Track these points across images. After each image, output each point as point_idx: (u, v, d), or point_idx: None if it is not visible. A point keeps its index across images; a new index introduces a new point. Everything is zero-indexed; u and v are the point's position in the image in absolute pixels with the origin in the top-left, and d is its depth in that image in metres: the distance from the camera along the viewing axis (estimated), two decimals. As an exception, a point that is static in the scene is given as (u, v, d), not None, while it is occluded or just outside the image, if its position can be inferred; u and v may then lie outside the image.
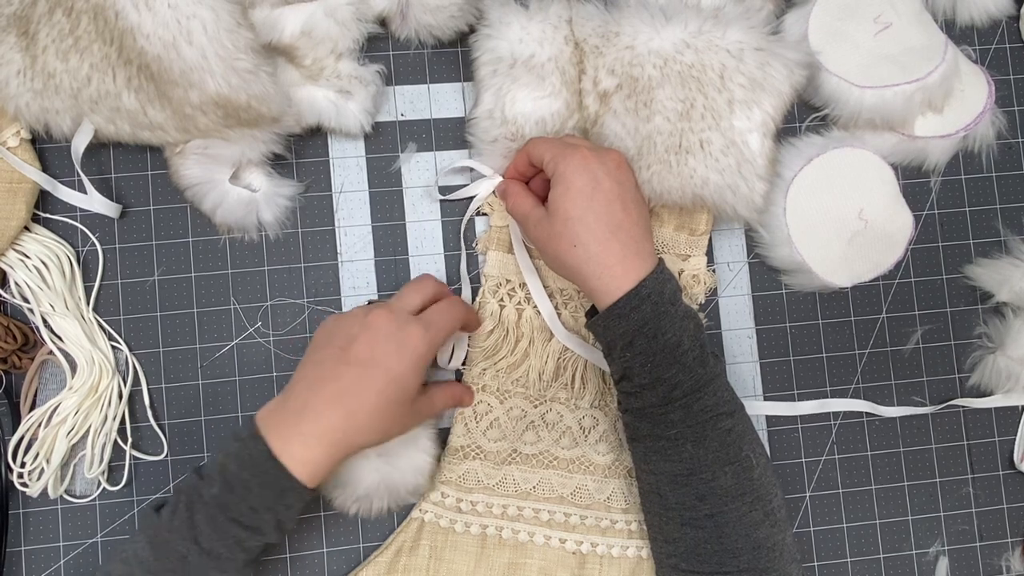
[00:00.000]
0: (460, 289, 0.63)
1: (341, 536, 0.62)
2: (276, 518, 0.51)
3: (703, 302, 0.64)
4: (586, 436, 0.63)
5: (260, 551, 0.52)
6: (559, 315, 0.62)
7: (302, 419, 0.50)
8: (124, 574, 0.50)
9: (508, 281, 0.63)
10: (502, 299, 0.62)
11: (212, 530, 0.49)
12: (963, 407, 0.67)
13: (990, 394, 0.67)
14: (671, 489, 0.55)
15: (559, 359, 0.63)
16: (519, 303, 0.63)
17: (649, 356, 0.53)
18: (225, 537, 0.50)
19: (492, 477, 0.62)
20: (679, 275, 0.63)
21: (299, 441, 0.50)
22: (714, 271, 0.65)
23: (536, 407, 0.62)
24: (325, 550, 0.62)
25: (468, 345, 0.63)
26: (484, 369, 0.62)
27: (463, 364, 0.63)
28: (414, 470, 0.57)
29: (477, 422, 0.62)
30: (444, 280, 0.64)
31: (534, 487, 0.62)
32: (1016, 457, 0.67)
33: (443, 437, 0.62)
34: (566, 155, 0.54)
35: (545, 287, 0.63)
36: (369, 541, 0.62)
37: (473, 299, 0.63)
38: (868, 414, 0.66)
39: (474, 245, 0.64)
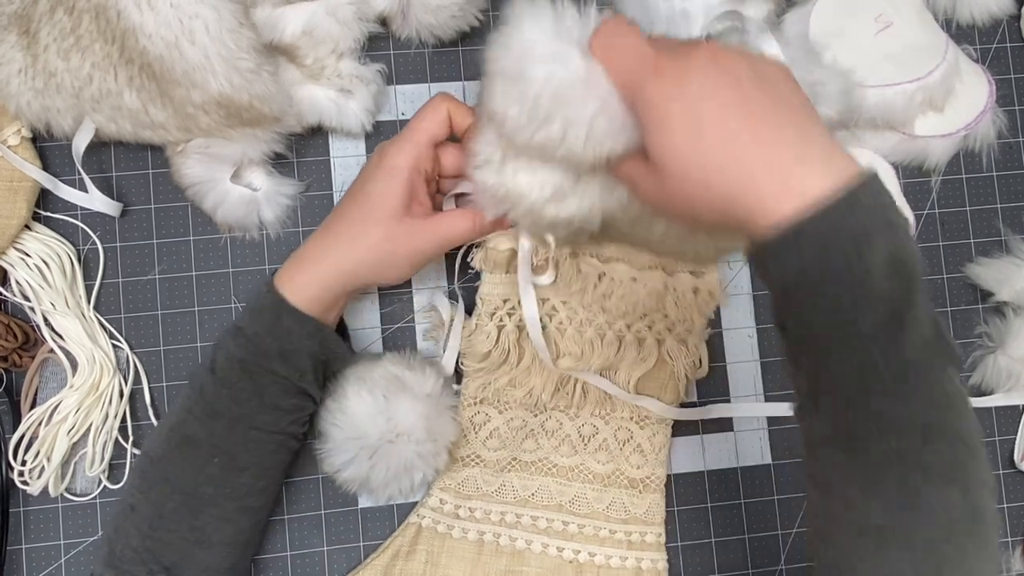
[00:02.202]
0: (457, 307, 0.62)
1: (342, 535, 0.62)
2: (279, 345, 0.52)
3: (713, 318, 0.63)
4: (585, 444, 0.62)
5: (280, 396, 0.53)
6: (564, 332, 0.60)
7: (297, 250, 0.55)
8: (169, 415, 0.55)
9: (506, 301, 0.60)
10: (501, 319, 0.60)
11: (225, 359, 0.53)
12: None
13: (990, 393, 0.67)
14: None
15: (561, 374, 0.61)
16: (520, 321, 0.60)
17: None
18: (232, 363, 0.53)
19: (491, 484, 0.61)
20: (694, 292, 0.61)
21: (288, 269, 0.54)
22: (724, 287, 0.64)
23: (536, 416, 0.62)
24: (325, 549, 0.62)
25: (461, 356, 0.61)
26: (483, 385, 0.61)
27: (460, 364, 0.62)
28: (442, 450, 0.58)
29: (476, 432, 0.61)
30: (444, 281, 0.64)
31: (532, 494, 0.62)
32: (1016, 456, 0.67)
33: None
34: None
35: (545, 300, 0.60)
36: (369, 540, 0.62)
37: (469, 314, 0.62)
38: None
39: (470, 260, 0.61)
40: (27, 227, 0.59)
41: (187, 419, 0.53)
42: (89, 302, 0.60)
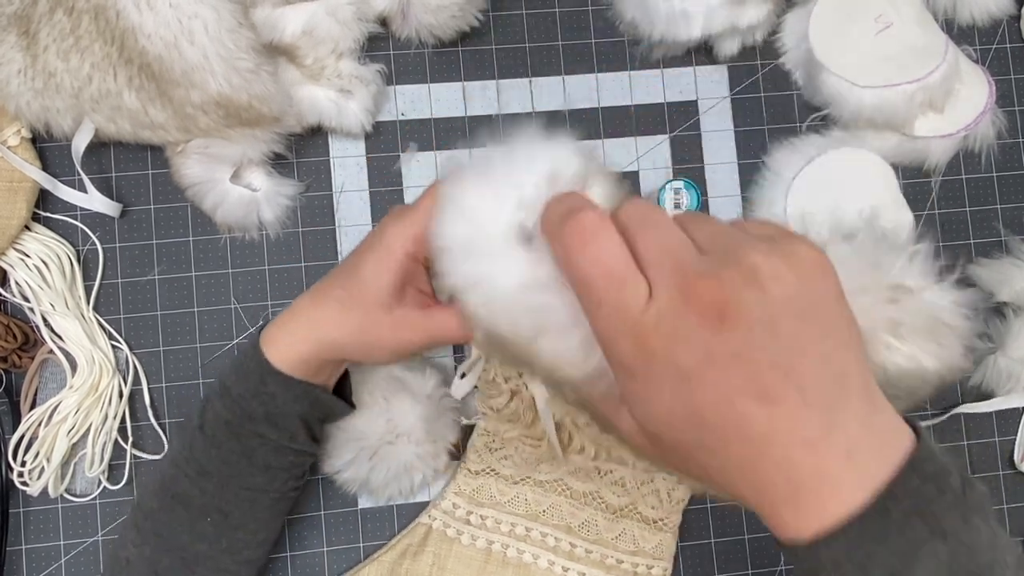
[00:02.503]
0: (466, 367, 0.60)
1: (342, 535, 0.62)
2: (265, 409, 0.49)
3: None
4: (602, 477, 0.61)
5: (271, 456, 0.51)
6: (580, 428, 0.58)
7: (285, 311, 0.51)
8: (161, 465, 0.53)
9: (522, 375, 0.58)
10: (516, 386, 0.58)
11: (212, 418, 0.50)
12: (965, 412, 0.67)
13: (991, 394, 0.67)
14: None
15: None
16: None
17: None
18: (219, 423, 0.50)
19: (505, 494, 0.61)
20: None
21: (275, 325, 0.50)
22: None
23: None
24: (325, 549, 0.61)
25: (477, 394, 0.60)
26: (497, 428, 0.60)
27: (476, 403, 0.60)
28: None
29: (492, 453, 0.61)
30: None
31: (544, 510, 0.61)
32: (1016, 457, 0.67)
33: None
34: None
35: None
36: (369, 540, 0.62)
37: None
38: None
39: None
40: (27, 227, 0.59)
41: (177, 476, 0.51)
42: (88, 303, 0.60)
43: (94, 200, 0.59)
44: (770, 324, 0.29)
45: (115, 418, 0.59)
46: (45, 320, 0.59)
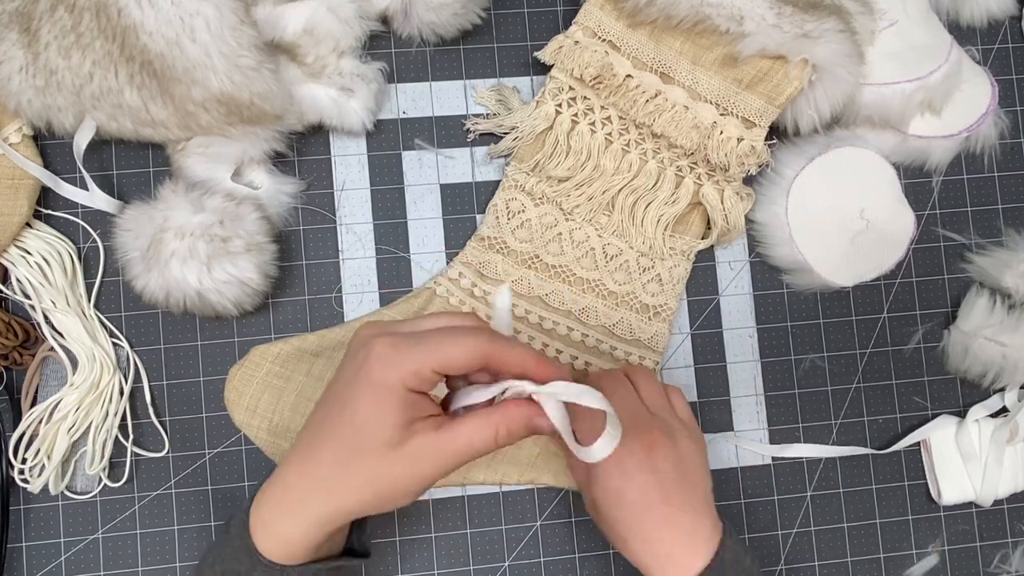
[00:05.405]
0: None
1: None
2: None
3: (755, 173, 0.64)
4: (608, 262, 0.63)
5: None
6: (609, 145, 0.62)
7: (272, 480, 0.45)
8: None
9: (571, 88, 0.62)
10: (560, 104, 0.62)
11: None
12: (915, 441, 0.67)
13: (991, 385, 0.66)
14: None
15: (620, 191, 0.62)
16: (576, 115, 0.62)
17: None
18: None
19: (510, 274, 0.62)
20: (737, 143, 0.61)
21: (266, 506, 0.45)
22: (770, 147, 0.63)
23: (567, 220, 0.62)
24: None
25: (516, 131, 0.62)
26: (529, 172, 0.62)
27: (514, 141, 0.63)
28: None
29: (509, 219, 0.62)
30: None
31: (547, 294, 0.62)
32: (933, 493, 0.66)
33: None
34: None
35: (591, 108, 0.62)
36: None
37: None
38: (867, 414, 0.66)
39: (488, 152, 0.64)
40: (28, 225, 0.59)
41: None
42: (89, 300, 0.60)
43: (95, 198, 0.59)
44: (676, 462, 0.52)
45: (116, 416, 0.59)
46: (46, 317, 0.59)
